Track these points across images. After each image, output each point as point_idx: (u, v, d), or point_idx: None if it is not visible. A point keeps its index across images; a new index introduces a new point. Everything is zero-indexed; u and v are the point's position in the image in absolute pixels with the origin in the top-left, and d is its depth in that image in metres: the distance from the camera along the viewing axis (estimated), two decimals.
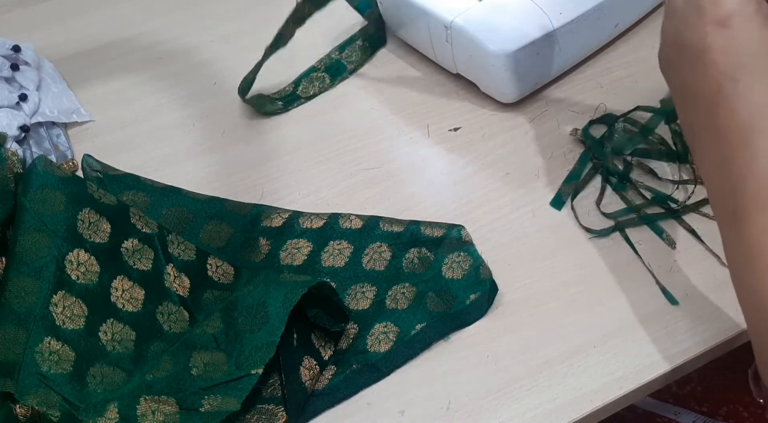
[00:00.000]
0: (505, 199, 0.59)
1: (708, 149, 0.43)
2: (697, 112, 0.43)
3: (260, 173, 0.62)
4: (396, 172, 0.62)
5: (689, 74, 0.42)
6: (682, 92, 0.44)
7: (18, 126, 0.63)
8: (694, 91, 0.42)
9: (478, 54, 0.61)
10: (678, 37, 0.42)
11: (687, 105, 0.44)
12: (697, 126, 0.44)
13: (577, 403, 0.49)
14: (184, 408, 0.46)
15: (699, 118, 0.43)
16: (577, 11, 0.61)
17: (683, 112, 0.45)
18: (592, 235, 0.56)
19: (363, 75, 0.69)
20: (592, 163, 0.60)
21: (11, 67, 0.66)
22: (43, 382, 0.46)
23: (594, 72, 0.67)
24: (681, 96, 0.45)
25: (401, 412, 0.49)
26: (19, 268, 0.48)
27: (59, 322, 0.48)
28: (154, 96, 0.69)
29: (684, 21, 0.42)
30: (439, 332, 0.52)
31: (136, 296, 0.51)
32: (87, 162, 0.61)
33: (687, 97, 0.44)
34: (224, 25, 0.75)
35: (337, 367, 0.51)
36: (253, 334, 0.48)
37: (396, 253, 0.55)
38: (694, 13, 0.41)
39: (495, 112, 0.65)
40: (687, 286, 0.53)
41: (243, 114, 0.67)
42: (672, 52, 0.43)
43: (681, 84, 0.44)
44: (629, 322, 0.52)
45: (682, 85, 0.44)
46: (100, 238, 0.51)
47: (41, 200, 0.50)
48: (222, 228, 0.58)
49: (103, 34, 0.75)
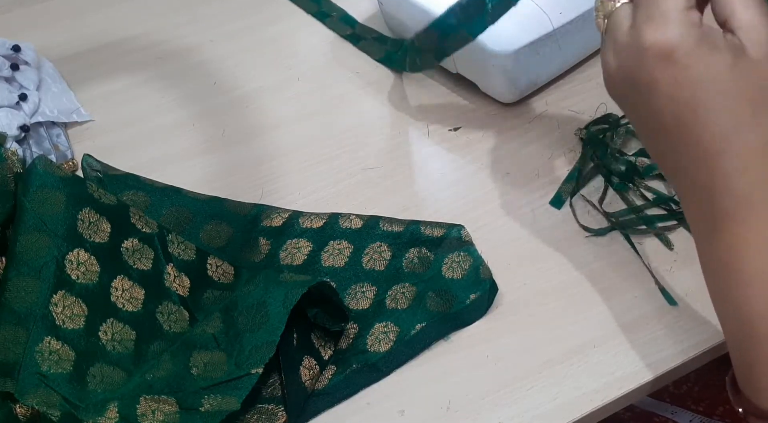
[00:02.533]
0: (505, 199, 0.59)
1: (678, 174, 0.43)
2: (660, 143, 0.43)
3: (260, 173, 0.62)
4: (396, 172, 0.62)
5: (644, 108, 0.42)
6: (640, 125, 0.44)
7: (18, 126, 0.63)
8: (654, 124, 0.42)
9: (478, 54, 0.61)
10: (624, 72, 0.42)
11: (648, 136, 0.44)
12: (662, 156, 0.44)
13: (577, 403, 0.49)
14: (184, 407, 0.46)
15: (664, 148, 0.43)
16: (577, 11, 0.61)
17: (647, 142, 0.45)
18: (589, 234, 0.56)
19: (363, 75, 0.69)
20: (593, 162, 0.60)
21: (11, 67, 0.66)
22: (43, 381, 0.46)
23: (594, 72, 0.67)
24: (640, 128, 0.45)
25: (401, 412, 0.49)
26: (19, 268, 0.48)
27: (59, 322, 0.47)
28: (154, 96, 0.69)
29: (628, 56, 0.41)
30: (439, 332, 0.52)
31: (136, 296, 0.51)
32: (87, 162, 0.61)
33: (647, 129, 0.44)
34: (224, 25, 0.75)
35: (337, 367, 0.51)
36: (253, 333, 0.48)
37: (396, 252, 0.55)
38: (637, 49, 0.41)
39: (495, 112, 0.65)
40: (686, 287, 0.53)
41: (243, 114, 0.67)
42: (622, 87, 0.43)
43: (638, 117, 0.44)
44: (629, 322, 0.52)
45: (639, 118, 0.44)
46: (100, 238, 0.51)
47: (41, 200, 0.50)
48: (222, 228, 0.58)
49: (103, 34, 0.75)
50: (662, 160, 0.44)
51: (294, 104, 0.67)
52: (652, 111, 0.42)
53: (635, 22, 0.41)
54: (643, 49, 0.40)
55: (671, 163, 0.43)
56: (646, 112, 0.42)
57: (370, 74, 0.69)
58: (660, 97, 0.41)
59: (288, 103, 0.68)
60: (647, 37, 0.40)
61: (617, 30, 0.42)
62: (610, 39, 0.43)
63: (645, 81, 0.41)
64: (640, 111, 0.43)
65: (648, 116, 0.42)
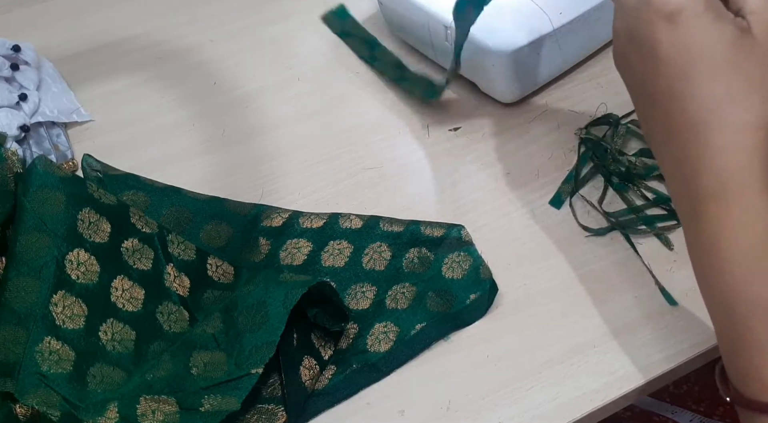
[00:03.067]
0: (505, 199, 0.59)
1: (664, 147, 0.43)
2: (652, 109, 0.43)
3: (260, 173, 0.63)
4: (396, 172, 0.62)
5: (642, 71, 0.42)
6: (636, 89, 0.44)
7: (18, 126, 0.63)
8: (648, 88, 0.42)
9: (478, 54, 0.61)
10: (630, 34, 0.42)
11: (642, 102, 0.44)
12: (652, 123, 0.44)
13: (577, 403, 0.49)
14: (184, 407, 0.46)
15: (654, 115, 0.43)
16: (577, 11, 0.61)
17: (639, 109, 0.45)
18: (589, 234, 0.56)
19: (363, 75, 0.69)
20: (593, 162, 0.60)
21: (11, 67, 0.66)
22: (43, 381, 0.46)
23: (594, 72, 0.67)
24: (636, 93, 0.45)
25: (401, 412, 0.49)
26: (19, 268, 0.48)
27: (59, 322, 0.48)
28: (154, 96, 0.69)
29: (635, 17, 0.41)
30: (439, 332, 0.52)
31: (136, 296, 0.51)
32: (87, 162, 0.61)
33: (641, 94, 0.44)
34: (224, 25, 0.75)
35: (337, 367, 0.51)
36: (253, 333, 0.48)
37: (396, 253, 0.55)
38: (644, 9, 0.41)
39: (495, 112, 0.65)
40: (686, 287, 0.53)
41: (243, 114, 0.67)
42: (626, 48, 0.43)
43: (635, 81, 0.44)
44: (629, 322, 0.52)
45: (636, 81, 0.44)
46: (100, 238, 0.51)
47: (41, 200, 0.50)
48: (222, 228, 0.58)
49: (103, 34, 0.75)
50: (651, 132, 0.44)
51: (294, 104, 0.67)
52: (648, 74, 0.42)
53: None
54: (650, 10, 0.40)
55: (659, 136, 0.43)
56: (643, 75, 0.42)
57: (370, 74, 0.69)
58: (658, 59, 0.41)
59: (288, 103, 0.68)
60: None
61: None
62: (618, 2, 0.43)
63: (647, 41, 0.41)
64: (637, 72, 0.43)
65: (644, 80, 0.42)
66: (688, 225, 0.43)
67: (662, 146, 0.43)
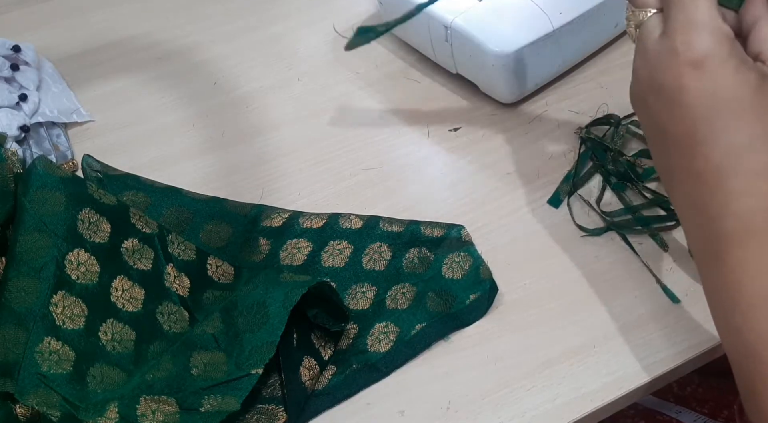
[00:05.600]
0: (505, 199, 0.59)
1: (684, 191, 0.43)
2: (673, 153, 0.43)
3: (260, 173, 0.62)
4: (396, 172, 0.62)
5: (664, 116, 0.42)
6: (654, 131, 0.44)
7: (18, 126, 0.63)
8: (669, 132, 0.42)
9: (478, 54, 0.61)
10: (652, 78, 0.42)
11: (662, 146, 0.44)
12: (672, 167, 0.44)
13: (577, 403, 0.49)
14: (184, 408, 0.46)
15: (674, 159, 0.43)
16: (577, 11, 0.61)
17: (656, 150, 0.45)
18: (584, 234, 0.56)
19: (363, 75, 0.69)
20: (592, 162, 0.60)
21: (11, 67, 0.66)
22: (43, 382, 0.46)
23: (594, 72, 0.67)
24: (653, 135, 0.45)
25: (401, 412, 0.49)
26: (19, 268, 0.48)
27: (59, 322, 0.48)
28: (154, 96, 0.69)
29: (658, 62, 0.42)
30: (439, 332, 0.52)
31: (136, 296, 0.51)
32: (87, 162, 0.61)
33: (662, 138, 0.44)
34: (224, 25, 0.75)
35: (337, 367, 0.51)
36: (253, 334, 0.48)
37: (396, 253, 0.55)
38: (668, 55, 0.41)
39: (495, 112, 0.65)
40: (686, 287, 0.53)
41: (243, 114, 0.67)
42: (647, 93, 0.43)
43: (656, 125, 0.44)
44: (629, 322, 0.52)
45: (657, 125, 0.44)
46: (100, 238, 0.51)
47: (41, 200, 0.50)
48: (222, 228, 0.58)
49: (103, 34, 0.75)
50: (669, 173, 0.44)
51: (294, 104, 0.67)
52: (670, 118, 0.42)
53: (667, 29, 0.41)
54: (675, 56, 0.40)
55: (678, 178, 0.43)
56: (664, 119, 0.42)
57: (370, 74, 0.69)
58: (682, 105, 0.41)
59: (288, 103, 0.68)
60: (680, 44, 0.40)
61: (648, 38, 0.43)
62: (641, 47, 0.43)
63: (672, 87, 0.41)
64: (659, 117, 0.43)
65: (665, 125, 0.42)
66: (707, 268, 0.43)
67: (682, 189, 0.43)
